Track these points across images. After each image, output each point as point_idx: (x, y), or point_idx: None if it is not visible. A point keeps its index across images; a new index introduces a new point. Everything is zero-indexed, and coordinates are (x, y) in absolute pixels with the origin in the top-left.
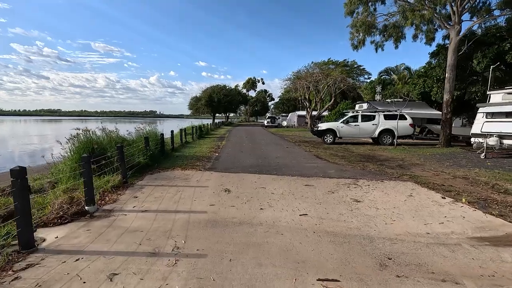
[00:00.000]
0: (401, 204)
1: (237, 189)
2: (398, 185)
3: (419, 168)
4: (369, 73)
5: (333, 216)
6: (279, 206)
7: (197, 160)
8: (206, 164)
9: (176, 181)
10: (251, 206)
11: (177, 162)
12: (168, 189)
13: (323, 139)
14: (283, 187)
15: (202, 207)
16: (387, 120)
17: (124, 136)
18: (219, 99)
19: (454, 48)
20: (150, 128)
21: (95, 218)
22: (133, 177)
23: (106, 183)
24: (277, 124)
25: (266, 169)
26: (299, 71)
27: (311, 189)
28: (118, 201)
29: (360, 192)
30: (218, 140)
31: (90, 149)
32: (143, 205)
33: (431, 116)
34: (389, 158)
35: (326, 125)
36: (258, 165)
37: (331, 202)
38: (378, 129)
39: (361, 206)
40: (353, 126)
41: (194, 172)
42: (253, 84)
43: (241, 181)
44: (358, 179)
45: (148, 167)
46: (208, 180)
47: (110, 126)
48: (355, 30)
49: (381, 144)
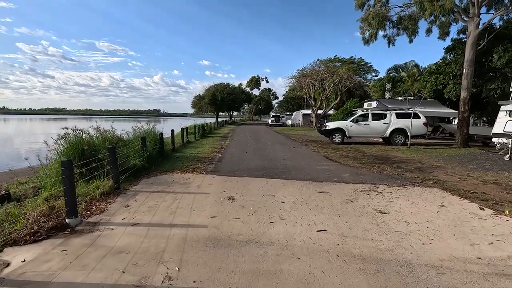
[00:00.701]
0: (434, 216)
1: (242, 196)
2: (424, 192)
3: (442, 172)
4: (376, 70)
5: (358, 233)
6: (292, 218)
7: (199, 161)
8: (208, 166)
9: (174, 187)
10: (259, 218)
11: (177, 164)
12: (165, 196)
13: (331, 138)
14: (294, 194)
15: (202, 219)
16: (399, 118)
17: (120, 136)
18: (223, 97)
19: (473, 42)
20: (148, 127)
21: (76, 233)
22: (127, 182)
23: (94, 189)
24: (282, 123)
25: (274, 172)
26: (304, 69)
27: (326, 196)
28: (106, 211)
29: (382, 201)
30: (222, 140)
31: (80, 151)
32: (134, 216)
33: (445, 115)
34: (405, 160)
35: (334, 124)
36: (265, 168)
37: (352, 213)
38: (389, 128)
39: (387, 220)
40: (363, 125)
41: (194, 175)
42: (256, 83)
43: (246, 187)
44: (377, 184)
45: (145, 169)
46: (209, 186)
47: (112, 125)
48: (367, 23)
49: (392, 144)
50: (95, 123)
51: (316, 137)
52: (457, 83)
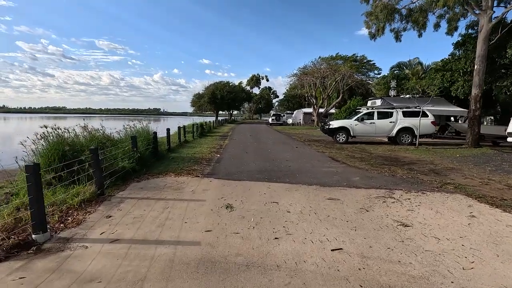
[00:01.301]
0: (467, 231)
1: (242, 204)
2: (447, 199)
3: (459, 174)
4: (379, 68)
5: (381, 253)
6: (300, 233)
7: (195, 162)
8: (205, 168)
9: (166, 192)
10: (262, 233)
11: (171, 165)
12: (154, 204)
13: (335, 138)
14: (300, 201)
15: (195, 234)
16: (406, 117)
17: (110, 136)
18: (222, 96)
19: (485, 36)
20: (141, 126)
21: (42, 253)
22: (113, 186)
23: (74, 196)
24: (282, 121)
25: (277, 175)
26: (306, 67)
27: (338, 204)
28: (83, 223)
29: (402, 209)
30: (221, 139)
31: (60, 152)
32: (115, 230)
33: (453, 114)
34: (416, 161)
35: (338, 122)
36: (267, 170)
37: (369, 226)
38: (396, 127)
39: (413, 235)
40: (368, 124)
41: (189, 179)
42: (257, 81)
43: (246, 192)
44: (392, 189)
45: (135, 172)
46: (205, 191)
47: (113, 124)
48: (374, 17)
49: (399, 143)
50: (83, 121)
51: (319, 136)
52: (468, 80)
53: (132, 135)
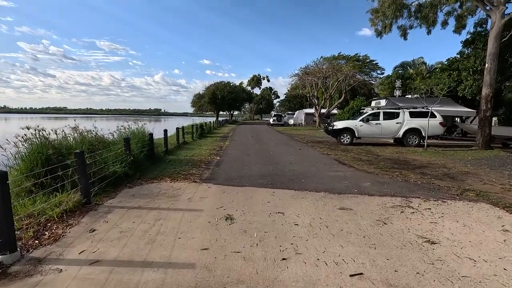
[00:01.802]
0: (504, 249)
1: (243, 215)
2: (472, 209)
3: (476, 180)
4: (382, 68)
5: (409, 279)
6: (312, 252)
7: (194, 166)
8: (204, 173)
9: (159, 200)
10: (267, 252)
11: (167, 169)
12: (146, 214)
13: (339, 139)
14: (308, 211)
15: (189, 254)
16: (413, 118)
17: (104, 137)
18: (223, 96)
19: (497, 33)
20: (137, 127)
21: (7, 279)
22: (103, 193)
23: (55, 206)
24: (284, 122)
25: (281, 180)
26: (307, 66)
27: (351, 215)
28: (62, 238)
29: (424, 222)
30: (221, 140)
31: (44, 156)
32: (98, 248)
33: (460, 114)
34: (427, 164)
35: (342, 123)
36: (270, 174)
37: (391, 243)
38: (403, 128)
39: (442, 254)
40: (373, 124)
41: (186, 184)
42: (258, 82)
43: (248, 201)
44: (408, 197)
45: (128, 177)
46: (203, 199)
47: (109, 124)
48: (381, 13)
49: (406, 145)
50: (74, 122)
51: (322, 137)
52: (478, 79)
53: (126, 136)
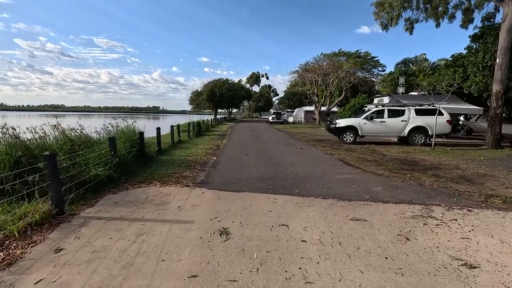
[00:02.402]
0: None
1: (241, 228)
2: (504, 220)
3: (496, 183)
4: (383, 65)
5: None
6: (325, 280)
7: (188, 167)
8: (198, 175)
9: (145, 209)
10: (270, 279)
11: (158, 171)
12: (127, 228)
13: (341, 138)
14: (317, 223)
15: (173, 283)
16: (419, 115)
17: (89, 136)
18: (221, 93)
19: (509, 27)
20: (126, 125)
21: None
22: (81, 201)
23: (19, 217)
24: (283, 120)
25: (283, 183)
26: (307, 63)
27: (366, 228)
28: (19, 262)
29: (454, 237)
30: (219, 139)
31: (13, 158)
32: (60, 275)
33: (466, 112)
34: (438, 165)
35: (345, 121)
36: (271, 177)
37: (420, 267)
38: (408, 126)
39: (488, 284)
40: (378, 122)
41: (178, 189)
42: (256, 79)
43: (247, 209)
44: (428, 205)
45: (113, 181)
46: (195, 207)
47: (98, 122)
48: (387, 5)
49: (411, 144)
50: (56, 120)
51: (323, 136)
52: (486, 75)
53: (111, 136)
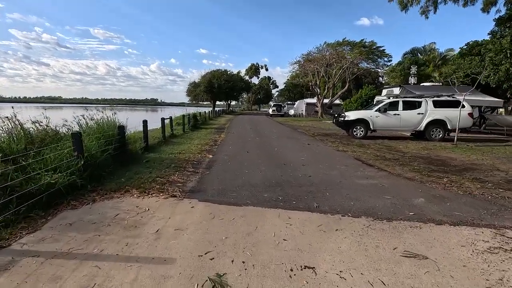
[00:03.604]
0: None
1: (244, 274)
2: None
3: None
4: (389, 55)
5: None
6: None
7: (177, 168)
8: (189, 179)
9: (107, 237)
10: None
11: (140, 174)
12: (69, 275)
13: (351, 132)
14: (356, 262)
15: None
16: (437, 108)
17: (58, 132)
18: (220, 84)
19: None
20: (103, 116)
21: None
22: (24, 221)
23: None
24: (284, 113)
25: (296, 192)
26: (309, 53)
27: (431, 273)
28: None
29: None
30: (216, 133)
31: None
32: None
33: (487, 104)
34: (471, 166)
35: (355, 114)
36: (279, 183)
37: None
38: (425, 119)
39: None
40: (391, 115)
41: (160, 201)
42: (256, 71)
43: (252, 237)
44: (498, 228)
45: (76, 189)
46: (180, 234)
47: (45, 113)
48: None
49: (428, 139)
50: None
51: (328, 129)
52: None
53: (74, 131)
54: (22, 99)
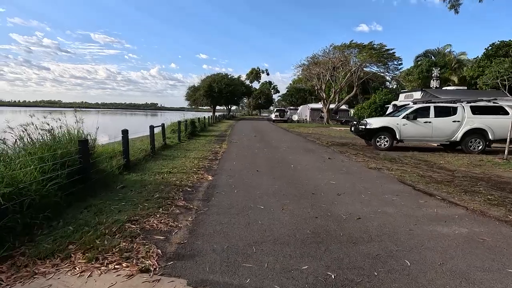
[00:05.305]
0: None
1: None
2: None
3: None
4: (399, 58)
5: None
6: None
7: (162, 201)
8: (176, 226)
9: None
10: None
11: (103, 215)
12: None
13: (374, 142)
14: None
15: None
16: (476, 115)
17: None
18: (220, 89)
19: None
20: (58, 125)
21: None
22: None
23: None
24: (287, 118)
25: (353, 261)
26: (315, 56)
27: None
28: None
29: None
30: (217, 141)
31: None
32: None
33: None
34: None
35: (379, 121)
36: (317, 234)
37: None
38: (462, 128)
39: None
40: (421, 123)
41: (116, 286)
42: (257, 75)
43: None
44: None
45: None
46: None
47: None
48: None
49: (465, 151)
50: None
51: (340, 137)
52: None
53: None
54: (21, 103)
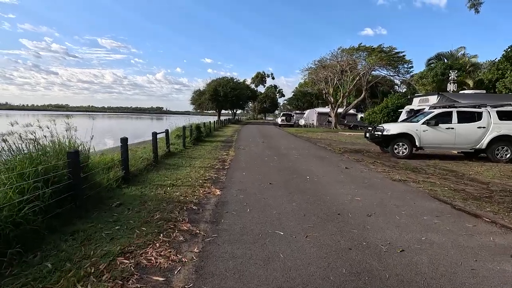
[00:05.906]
0: None
1: None
2: None
3: None
4: (410, 61)
5: None
6: None
7: (162, 225)
8: (178, 262)
9: None
10: None
11: (91, 244)
12: None
13: (391, 149)
14: None
15: None
16: (503, 120)
17: None
18: (226, 93)
19: None
20: (41, 135)
21: None
22: None
23: None
24: (293, 122)
25: None
26: (322, 59)
27: None
28: None
29: None
30: (223, 148)
31: None
32: None
33: None
34: None
35: (397, 127)
36: (355, 275)
37: None
38: (488, 135)
39: None
40: (443, 129)
41: None
42: (262, 79)
43: None
44: None
45: None
46: None
47: None
48: None
49: (492, 160)
50: None
51: (352, 143)
52: None
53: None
54: (30, 107)
